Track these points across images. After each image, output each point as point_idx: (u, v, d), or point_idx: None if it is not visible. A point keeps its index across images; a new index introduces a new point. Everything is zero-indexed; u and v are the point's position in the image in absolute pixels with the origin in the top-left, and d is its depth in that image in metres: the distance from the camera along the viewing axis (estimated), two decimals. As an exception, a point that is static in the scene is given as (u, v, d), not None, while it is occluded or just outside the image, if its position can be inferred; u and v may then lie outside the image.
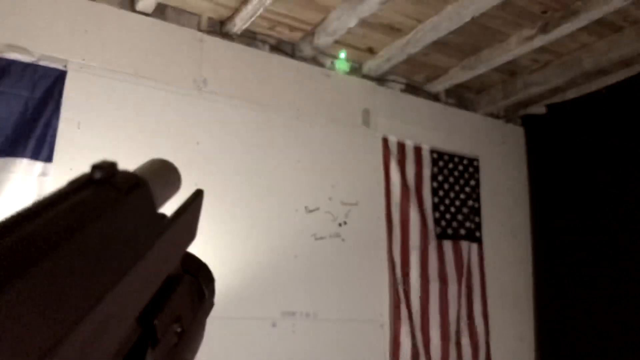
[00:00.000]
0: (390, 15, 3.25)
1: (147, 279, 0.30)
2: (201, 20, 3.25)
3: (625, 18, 3.29)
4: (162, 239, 0.31)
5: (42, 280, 0.22)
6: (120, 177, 0.30)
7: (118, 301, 0.26)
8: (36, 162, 2.59)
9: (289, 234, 3.25)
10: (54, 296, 0.22)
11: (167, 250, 0.33)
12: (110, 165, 0.30)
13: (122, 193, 0.30)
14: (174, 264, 0.35)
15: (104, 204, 0.28)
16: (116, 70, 2.89)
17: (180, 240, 0.36)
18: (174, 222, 0.34)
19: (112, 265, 0.27)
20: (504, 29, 3.42)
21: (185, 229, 0.37)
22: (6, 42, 2.60)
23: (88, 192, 0.28)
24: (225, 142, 3.16)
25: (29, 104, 2.62)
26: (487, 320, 3.93)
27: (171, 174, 0.40)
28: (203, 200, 0.39)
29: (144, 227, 0.31)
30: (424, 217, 3.79)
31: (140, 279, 0.29)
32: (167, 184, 0.38)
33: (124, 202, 0.30)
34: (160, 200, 0.35)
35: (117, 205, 0.29)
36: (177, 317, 0.34)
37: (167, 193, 0.37)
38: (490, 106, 4.31)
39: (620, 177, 3.82)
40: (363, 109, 3.74)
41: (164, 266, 0.33)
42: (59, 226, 0.25)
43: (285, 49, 3.54)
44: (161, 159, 0.40)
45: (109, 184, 0.29)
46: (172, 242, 0.34)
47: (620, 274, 3.72)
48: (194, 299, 0.39)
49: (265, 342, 3.05)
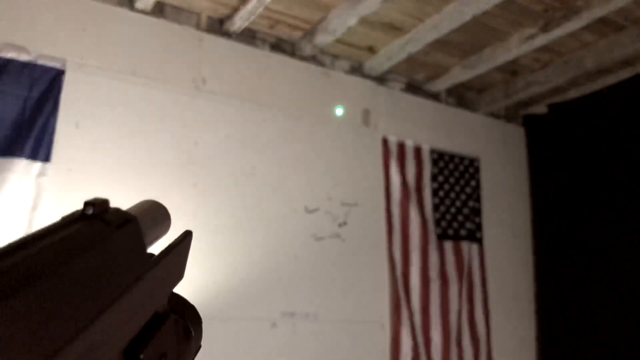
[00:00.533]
0: (390, 14, 3.24)
1: (133, 312, 0.31)
2: (200, 19, 3.23)
3: (626, 17, 3.28)
4: (149, 275, 0.33)
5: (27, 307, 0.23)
6: (111, 213, 0.33)
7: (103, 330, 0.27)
8: (34, 162, 2.57)
9: (289, 234, 3.24)
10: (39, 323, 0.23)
11: (154, 287, 0.34)
12: (102, 202, 0.33)
13: (112, 228, 0.32)
14: (161, 301, 0.36)
15: (93, 237, 0.30)
16: (115, 69, 2.87)
17: (168, 278, 0.37)
18: (162, 260, 0.35)
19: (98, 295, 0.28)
20: (505, 28, 3.40)
21: (173, 268, 0.38)
22: (4, 41, 2.58)
23: (79, 226, 0.30)
24: (224, 142, 3.14)
25: (26, 104, 2.60)
26: (488, 320, 3.91)
27: (161, 215, 0.42)
28: (191, 242, 0.41)
29: (132, 262, 0.33)
30: (425, 217, 3.78)
31: (126, 311, 0.30)
32: (157, 224, 0.40)
33: (114, 237, 0.32)
34: (149, 238, 0.37)
35: (107, 240, 0.31)
36: (163, 354, 0.35)
37: (157, 233, 0.39)
38: (491, 106, 4.29)
39: (621, 177, 3.81)
40: (363, 109, 3.72)
41: (150, 302, 0.34)
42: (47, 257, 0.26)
43: (285, 48, 3.52)
44: (153, 200, 0.42)
45: (100, 220, 0.32)
46: (159, 280, 0.35)
47: (621, 274, 3.71)
48: (180, 338, 0.40)
49: (265, 342, 3.03)
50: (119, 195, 2.35)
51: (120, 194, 2.70)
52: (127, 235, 0.33)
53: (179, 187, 2.94)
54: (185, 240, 0.40)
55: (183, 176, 2.96)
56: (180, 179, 2.94)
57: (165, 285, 0.37)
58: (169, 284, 0.38)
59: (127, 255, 0.33)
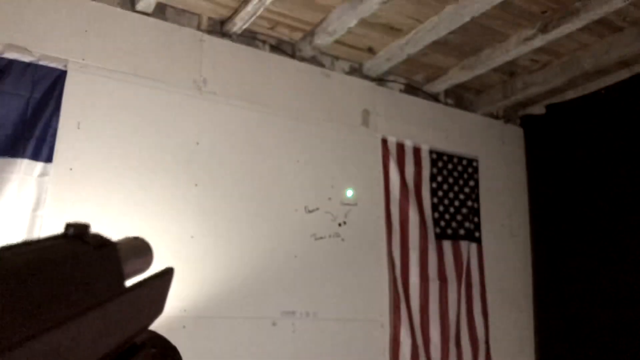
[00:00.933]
0: (390, 15, 3.26)
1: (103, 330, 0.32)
2: (201, 20, 3.25)
3: (624, 18, 3.30)
4: (122, 298, 0.34)
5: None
6: (91, 235, 0.35)
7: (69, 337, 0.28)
8: (36, 162, 2.59)
9: (289, 234, 3.25)
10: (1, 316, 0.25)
11: (127, 313, 0.35)
12: (83, 225, 0.34)
13: (90, 248, 0.34)
14: (135, 330, 0.37)
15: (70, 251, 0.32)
16: (116, 70, 2.89)
17: (143, 309, 0.38)
18: (137, 287, 0.37)
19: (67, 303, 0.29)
20: (504, 29, 3.42)
21: (150, 300, 0.40)
22: (6, 42, 2.60)
23: (58, 242, 0.32)
24: (225, 142, 3.16)
25: (29, 104, 2.62)
26: (486, 319, 3.93)
27: (144, 249, 0.43)
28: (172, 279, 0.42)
29: (107, 283, 0.34)
30: (424, 217, 3.80)
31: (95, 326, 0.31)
32: (138, 256, 0.42)
33: (90, 255, 0.34)
34: (129, 267, 0.38)
35: (82, 256, 0.33)
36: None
37: (138, 265, 0.41)
38: (490, 106, 4.31)
39: (619, 177, 3.82)
40: (363, 109, 3.74)
41: (123, 327, 0.35)
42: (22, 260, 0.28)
43: (285, 49, 3.54)
44: (138, 236, 0.44)
45: (79, 239, 0.33)
46: (133, 307, 0.37)
47: (619, 273, 3.73)
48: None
49: (266, 341, 3.05)
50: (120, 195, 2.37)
51: (122, 194, 2.73)
52: (103, 257, 0.35)
53: (180, 187, 2.95)
54: (165, 276, 0.41)
55: (184, 176, 2.98)
56: (181, 179, 2.96)
57: (140, 316, 0.38)
58: (144, 316, 0.39)
59: (102, 276, 0.34)
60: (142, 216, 2.77)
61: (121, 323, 0.34)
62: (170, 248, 2.84)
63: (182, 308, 2.81)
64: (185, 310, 2.81)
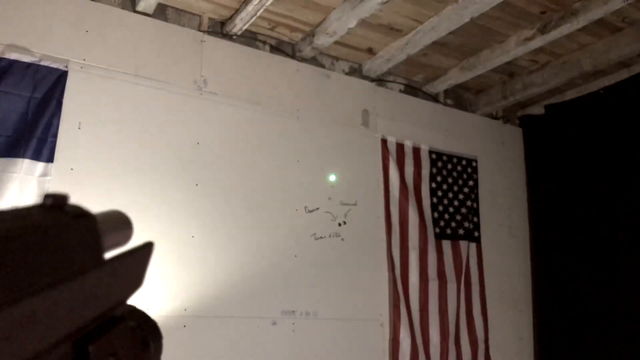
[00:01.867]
0: (389, 16, 3.27)
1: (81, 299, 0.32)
2: (202, 20, 3.26)
3: (624, 19, 3.31)
4: (100, 270, 0.34)
5: None
6: (69, 206, 0.34)
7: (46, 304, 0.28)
8: (37, 162, 2.59)
9: (289, 234, 3.26)
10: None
11: (105, 284, 0.35)
12: (62, 196, 0.34)
13: (68, 217, 0.33)
14: (114, 302, 0.37)
15: (47, 219, 0.32)
16: (117, 70, 2.89)
17: (123, 281, 0.38)
18: (116, 260, 0.37)
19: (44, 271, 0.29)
20: (503, 29, 3.43)
21: (129, 273, 0.39)
22: (8, 42, 2.60)
23: (35, 210, 0.32)
24: (225, 142, 3.17)
25: (30, 104, 2.63)
26: (486, 319, 3.94)
27: (123, 222, 0.43)
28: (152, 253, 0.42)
29: (85, 253, 0.34)
30: (423, 217, 3.81)
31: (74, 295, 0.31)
32: (118, 229, 0.41)
33: (68, 224, 0.33)
34: (108, 240, 0.38)
35: (60, 225, 0.32)
36: (113, 353, 0.36)
37: (117, 238, 0.41)
38: (489, 107, 4.32)
39: (618, 177, 3.83)
40: (362, 110, 3.75)
41: (102, 298, 0.35)
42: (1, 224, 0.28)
43: (285, 50, 3.55)
44: (117, 209, 0.44)
45: (57, 209, 0.33)
46: (113, 280, 0.37)
47: (618, 273, 3.74)
48: (137, 347, 0.42)
49: (266, 340, 3.06)
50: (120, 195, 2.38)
51: (122, 194, 2.74)
52: (82, 227, 0.35)
53: (181, 186, 2.96)
54: (145, 250, 0.41)
55: (184, 176, 2.99)
56: (181, 179, 2.97)
57: (118, 289, 0.38)
58: (123, 289, 0.39)
59: (81, 246, 0.34)
60: (142, 216, 2.78)
61: (99, 295, 0.34)
62: (170, 248, 2.85)
63: (182, 308, 2.82)
64: (185, 310, 2.82)
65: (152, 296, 2.72)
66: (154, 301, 2.73)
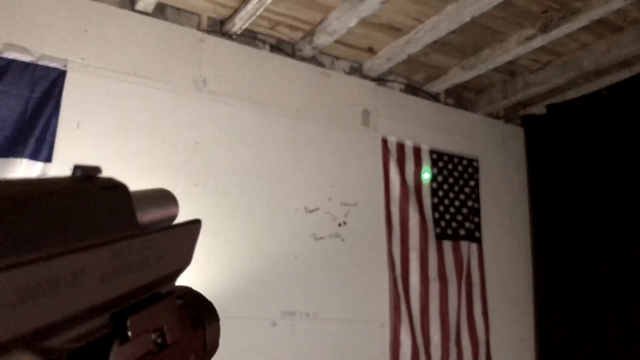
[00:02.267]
0: (390, 15, 3.25)
1: (109, 269, 0.30)
2: (201, 19, 3.25)
3: (625, 18, 3.29)
4: (134, 240, 0.33)
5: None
6: (100, 178, 0.33)
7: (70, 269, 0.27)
8: (36, 162, 2.58)
9: (288, 234, 3.25)
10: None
11: (142, 257, 0.34)
12: (93, 167, 0.33)
13: (97, 187, 0.32)
14: (152, 277, 0.35)
15: (76, 188, 0.31)
16: (116, 69, 2.88)
17: (164, 256, 0.37)
18: (154, 232, 0.35)
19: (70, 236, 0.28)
20: (504, 29, 3.42)
21: (173, 248, 0.38)
22: (6, 42, 2.59)
23: (63, 179, 0.31)
24: (225, 142, 3.15)
25: (28, 104, 2.61)
26: (487, 320, 3.93)
27: (165, 199, 0.41)
28: (200, 230, 0.41)
29: (117, 224, 0.33)
30: (424, 217, 3.79)
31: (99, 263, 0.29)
32: (157, 205, 0.39)
33: (98, 195, 0.32)
34: (146, 215, 0.36)
35: (89, 194, 0.31)
36: (158, 328, 0.35)
37: (157, 214, 0.39)
38: (490, 106, 4.31)
39: (620, 177, 3.82)
40: (363, 109, 3.74)
41: (137, 271, 0.33)
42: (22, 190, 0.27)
43: (285, 49, 3.54)
44: (162, 187, 0.42)
45: (86, 180, 0.32)
46: (151, 253, 0.35)
47: (620, 273, 3.72)
48: (186, 325, 0.40)
49: (265, 341, 3.04)
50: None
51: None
52: (111, 197, 0.33)
53: (180, 187, 2.94)
54: (192, 226, 0.39)
55: (184, 176, 2.97)
56: (181, 179, 2.96)
57: (160, 262, 0.36)
58: (164, 265, 0.37)
59: (112, 216, 0.33)
60: (141, 216, 2.76)
61: (134, 267, 0.33)
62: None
63: (182, 308, 2.81)
64: (185, 310, 2.81)
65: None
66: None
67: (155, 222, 0.38)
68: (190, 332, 0.41)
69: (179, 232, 0.38)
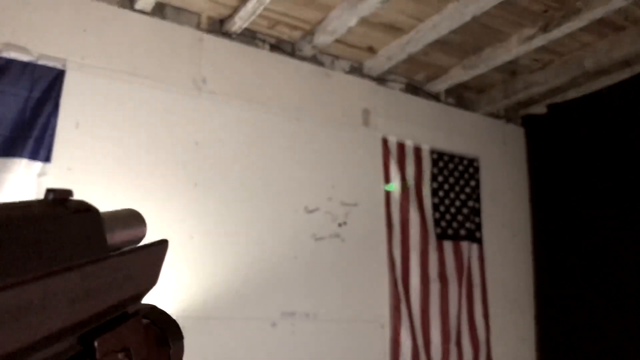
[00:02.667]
0: (390, 14, 3.24)
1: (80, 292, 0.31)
2: (200, 19, 3.24)
3: (626, 17, 3.28)
4: (104, 263, 0.34)
5: None
6: (72, 201, 0.34)
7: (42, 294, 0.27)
8: (35, 162, 2.57)
9: (288, 234, 3.24)
10: None
11: (111, 278, 0.34)
12: (65, 191, 0.34)
13: (69, 212, 0.33)
14: (121, 297, 0.36)
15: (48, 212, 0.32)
16: (115, 69, 2.87)
17: (132, 276, 0.38)
18: (122, 254, 0.36)
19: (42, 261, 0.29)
20: (505, 28, 3.41)
21: (141, 269, 0.39)
22: (5, 41, 2.58)
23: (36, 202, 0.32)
24: (224, 142, 3.15)
25: (27, 104, 2.61)
26: (487, 320, 3.92)
27: (134, 220, 0.42)
28: (167, 251, 0.42)
29: (86, 246, 0.34)
30: (424, 217, 3.78)
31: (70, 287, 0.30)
32: (127, 225, 0.41)
33: (67, 218, 0.33)
34: (115, 237, 0.37)
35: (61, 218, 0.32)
36: (125, 348, 0.35)
37: (126, 236, 0.40)
38: (491, 106, 4.30)
39: (621, 177, 3.81)
40: (363, 109, 3.73)
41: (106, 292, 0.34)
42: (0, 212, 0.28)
43: (285, 48, 3.53)
44: (130, 208, 0.43)
45: (59, 203, 0.33)
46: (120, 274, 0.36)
47: (620, 274, 3.72)
48: (151, 345, 0.41)
49: (265, 342, 3.04)
50: (118, 195, 2.35)
51: (121, 194, 2.71)
52: (83, 220, 0.34)
53: (180, 187, 2.94)
54: (159, 247, 0.40)
55: (183, 176, 2.96)
56: (180, 179, 2.95)
57: (128, 283, 0.37)
58: (134, 284, 0.38)
59: (83, 239, 0.33)
60: (141, 216, 2.75)
61: (103, 288, 0.33)
62: (170, 248, 2.82)
63: (182, 308, 2.80)
64: (185, 310, 2.80)
65: (150, 297, 2.70)
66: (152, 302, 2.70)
67: (124, 243, 0.39)
68: (155, 350, 0.41)
69: (147, 253, 0.39)
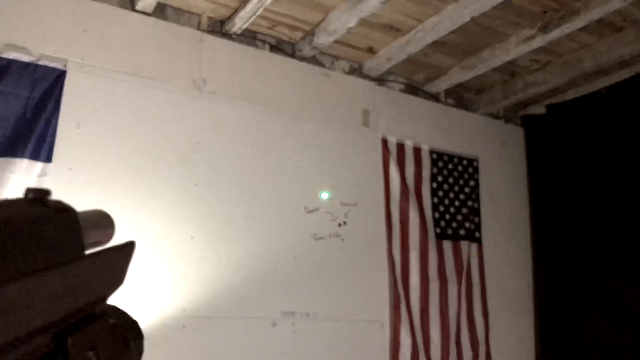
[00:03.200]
0: (390, 15, 3.25)
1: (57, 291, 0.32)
2: (201, 19, 3.25)
3: (625, 18, 3.29)
4: (81, 263, 0.35)
5: None
6: (51, 200, 0.35)
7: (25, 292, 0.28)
8: (36, 162, 2.58)
9: (288, 234, 3.25)
10: None
11: (86, 279, 0.36)
12: (44, 190, 0.35)
13: (48, 210, 0.34)
14: (92, 297, 0.37)
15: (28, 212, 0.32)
16: (116, 69, 2.88)
17: (103, 277, 0.39)
18: (96, 255, 0.37)
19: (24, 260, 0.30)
20: (504, 29, 3.42)
21: (110, 269, 0.40)
22: (6, 42, 2.59)
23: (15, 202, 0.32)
24: (224, 142, 3.15)
25: (28, 104, 2.61)
26: (487, 320, 3.93)
27: (105, 221, 0.44)
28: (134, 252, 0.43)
29: (66, 246, 0.35)
30: (424, 217, 3.79)
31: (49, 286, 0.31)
32: (99, 228, 0.42)
33: (47, 218, 0.34)
34: (89, 237, 0.39)
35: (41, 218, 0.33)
36: (94, 347, 0.37)
37: (98, 237, 0.41)
38: (490, 106, 4.31)
39: (620, 177, 3.82)
40: (363, 109, 3.74)
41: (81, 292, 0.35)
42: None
43: (285, 49, 3.54)
44: (100, 209, 0.44)
45: (39, 203, 0.34)
46: (93, 275, 0.37)
47: (619, 274, 3.72)
48: (117, 344, 0.42)
49: (265, 341, 3.04)
50: (119, 195, 2.37)
51: (121, 194, 2.72)
52: (62, 220, 0.35)
53: (180, 186, 2.95)
54: (126, 248, 0.41)
55: (184, 176, 2.97)
56: (181, 179, 2.96)
57: (99, 283, 0.38)
58: (104, 284, 0.39)
59: (62, 239, 0.34)
60: (141, 216, 2.76)
61: (78, 288, 0.35)
62: (170, 248, 2.84)
63: (182, 308, 2.81)
64: (185, 310, 2.81)
65: (151, 297, 2.71)
66: (153, 302, 2.71)
67: (96, 243, 0.40)
68: (120, 349, 0.43)
69: (117, 254, 0.40)
